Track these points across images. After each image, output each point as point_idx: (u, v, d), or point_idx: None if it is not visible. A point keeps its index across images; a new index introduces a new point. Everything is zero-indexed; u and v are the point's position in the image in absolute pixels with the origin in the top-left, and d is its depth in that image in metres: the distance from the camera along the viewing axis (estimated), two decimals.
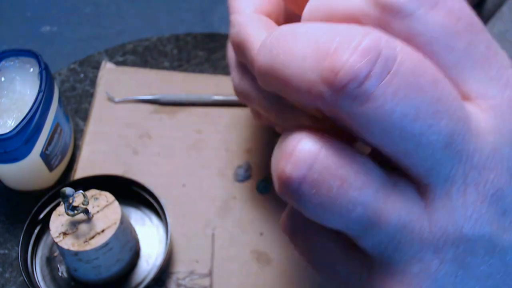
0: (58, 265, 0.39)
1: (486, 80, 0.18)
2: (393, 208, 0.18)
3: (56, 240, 0.34)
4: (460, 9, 0.18)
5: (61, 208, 0.35)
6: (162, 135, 0.47)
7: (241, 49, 0.31)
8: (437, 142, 0.17)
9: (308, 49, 0.17)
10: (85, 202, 0.34)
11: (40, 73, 0.39)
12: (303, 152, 0.18)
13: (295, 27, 0.19)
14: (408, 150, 0.17)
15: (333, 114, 0.18)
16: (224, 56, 0.53)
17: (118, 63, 0.52)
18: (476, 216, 0.18)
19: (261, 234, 0.42)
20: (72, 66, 0.52)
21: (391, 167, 0.19)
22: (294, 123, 0.25)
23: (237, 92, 0.34)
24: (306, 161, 0.18)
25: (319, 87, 0.17)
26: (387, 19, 0.18)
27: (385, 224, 0.18)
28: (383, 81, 0.16)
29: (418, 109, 0.17)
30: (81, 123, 0.48)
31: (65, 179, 0.45)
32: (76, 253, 0.34)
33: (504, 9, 0.43)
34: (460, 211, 0.18)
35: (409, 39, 0.18)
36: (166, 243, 0.38)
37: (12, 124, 0.38)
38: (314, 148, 0.18)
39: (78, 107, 0.49)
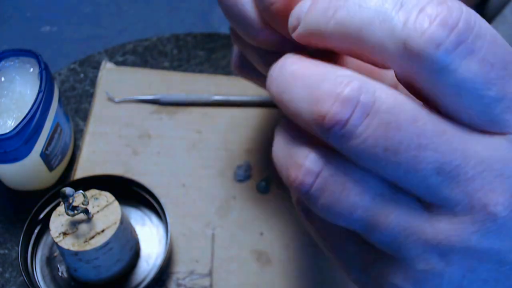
0: (58, 265, 0.39)
1: None
2: (391, 213, 0.20)
3: (56, 240, 0.34)
4: (495, 54, 0.19)
5: (61, 208, 0.35)
6: (162, 135, 0.47)
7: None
8: (425, 170, 0.19)
9: (303, 93, 0.20)
10: (85, 202, 0.34)
11: (40, 73, 0.39)
12: (310, 165, 0.21)
13: (297, 66, 0.21)
14: (399, 177, 0.20)
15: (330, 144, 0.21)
16: (224, 56, 0.53)
17: (118, 63, 0.52)
18: (483, 232, 0.19)
19: (261, 234, 0.42)
20: (72, 66, 0.52)
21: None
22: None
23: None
24: (313, 172, 0.21)
25: (313, 127, 0.20)
26: (415, 69, 0.19)
27: (384, 226, 0.20)
28: (362, 122, 0.19)
29: (399, 143, 0.19)
30: (81, 123, 0.48)
31: (65, 179, 0.45)
32: (76, 253, 0.34)
33: (506, 11, 0.43)
34: (466, 226, 0.19)
35: (436, 88, 0.19)
36: (166, 243, 0.38)
37: (12, 124, 0.38)
38: (320, 162, 0.21)
39: (78, 107, 0.49)
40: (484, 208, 0.19)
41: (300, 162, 0.21)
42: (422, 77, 0.19)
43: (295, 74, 0.21)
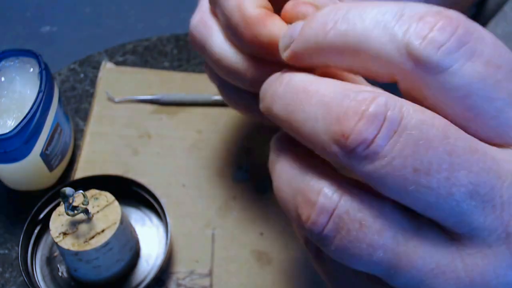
0: (58, 265, 0.39)
1: None
2: (416, 251, 0.18)
3: (56, 240, 0.34)
4: (499, 56, 0.18)
5: (61, 208, 0.35)
6: (162, 135, 0.47)
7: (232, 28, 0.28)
8: (458, 193, 0.17)
9: (320, 111, 0.19)
10: (85, 202, 0.34)
11: (40, 73, 0.39)
12: (325, 202, 0.19)
13: (308, 82, 0.20)
14: (429, 203, 0.17)
15: (349, 168, 0.19)
16: None
17: (118, 63, 0.52)
18: None
19: (261, 234, 0.42)
20: (72, 66, 0.52)
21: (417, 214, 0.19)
22: None
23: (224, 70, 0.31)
24: (328, 209, 0.19)
25: (332, 148, 0.18)
26: (419, 74, 0.18)
27: (409, 267, 0.18)
28: (390, 141, 0.17)
29: (430, 163, 0.17)
30: (81, 123, 0.48)
31: (65, 179, 0.45)
32: (76, 253, 0.34)
33: (506, 8, 0.43)
34: (502, 258, 0.18)
35: (443, 93, 0.18)
36: (166, 243, 0.38)
37: (12, 124, 0.38)
38: (335, 197, 0.19)
39: (78, 107, 0.49)
40: None
41: (313, 199, 0.19)
42: (429, 83, 0.18)
43: (308, 91, 0.20)
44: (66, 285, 0.38)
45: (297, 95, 0.20)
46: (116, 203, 0.36)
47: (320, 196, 0.19)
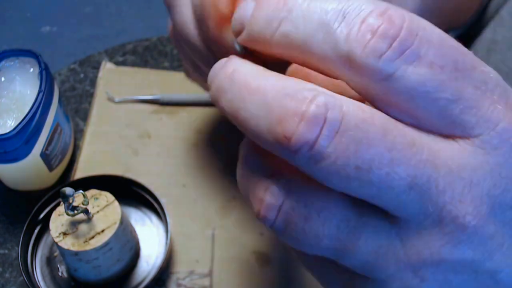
0: (58, 265, 0.39)
1: (475, 120, 0.19)
2: (359, 237, 0.20)
3: (56, 240, 0.34)
4: (443, 55, 0.18)
5: (61, 208, 0.35)
6: (162, 135, 0.47)
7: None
8: (398, 186, 0.18)
9: (261, 111, 0.19)
10: (85, 202, 0.34)
11: (40, 73, 0.39)
12: (271, 200, 0.20)
13: (251, 77, 0.20)
14: (371, 195, 0.19)
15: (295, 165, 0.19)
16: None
17: (118, 63, 0.52)
18: (454, 243, 0.19)
19: (261, 234, 0.42)
20: (72, 66, 0.52)
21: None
22: None
23: (179, 38, 0.32)
24: (275, 207, 0.20)
25: (276, 148, 0.19)
26: (362, 80, 0.18)
27: (354, 251, 0.20)
28: (332, 141, 0.18)
29: (371, 161, 0.18)
30: (81, 123, 0.48)
31: (65, 179, 0.45)
32: (76, 253, 0.34)
33: (503, 12, 0.43)
34: (435, 238, 0.19)
35: (387, 96, 0.19)
36: (166, 243, 0.38)
37: (12, 124, 0.38)
38: (281, 195, 0.20)
39: (78, 107, 0.49)
40: (453, 220, 0.18)
41: (261, 196, 0.21)
42: (372, 87, 0.19)
43: (251, 88, 0.19)
44: (66, 285, 0.38)
45: (240, 92, 0.20)
46: (116, 203, 0.36)
47: (266, 195, 0.20)
